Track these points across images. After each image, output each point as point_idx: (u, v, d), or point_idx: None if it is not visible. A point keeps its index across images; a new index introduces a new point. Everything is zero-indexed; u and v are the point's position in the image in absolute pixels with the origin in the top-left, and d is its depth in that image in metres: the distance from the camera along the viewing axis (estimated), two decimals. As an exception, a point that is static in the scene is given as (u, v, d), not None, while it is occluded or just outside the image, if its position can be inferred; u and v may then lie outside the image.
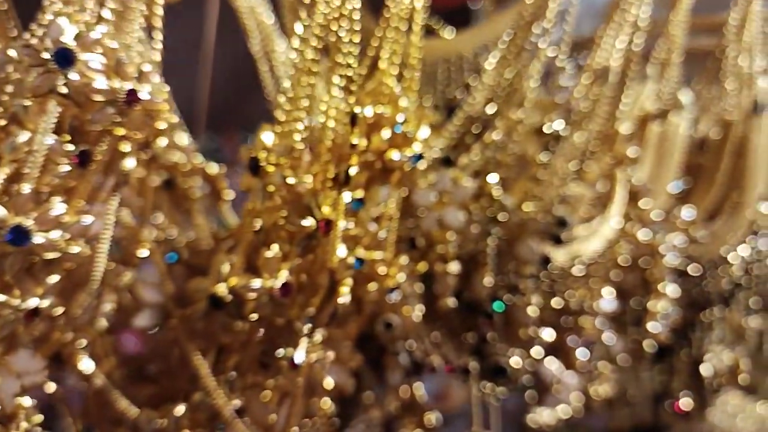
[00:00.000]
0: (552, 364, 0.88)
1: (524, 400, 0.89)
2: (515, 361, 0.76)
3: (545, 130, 0.72)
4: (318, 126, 0.53)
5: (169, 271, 0.64)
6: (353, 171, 0.53)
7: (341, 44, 0.52)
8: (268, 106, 0.74)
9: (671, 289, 0.85)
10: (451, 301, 0.71)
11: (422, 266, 0.74)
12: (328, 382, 0.63)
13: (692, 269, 0.98)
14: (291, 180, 0.50)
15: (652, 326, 0.84)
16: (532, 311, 0.74)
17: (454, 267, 0.71)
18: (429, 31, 0.90)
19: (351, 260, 0.56)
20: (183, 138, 0.79)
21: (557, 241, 0.74)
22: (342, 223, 0.54)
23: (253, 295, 0.51)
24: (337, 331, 0.70)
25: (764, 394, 2.03)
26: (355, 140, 0.53)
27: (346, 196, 0.54)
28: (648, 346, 0.99)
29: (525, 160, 0.73)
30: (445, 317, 0.81)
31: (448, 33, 0.85)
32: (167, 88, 0.52)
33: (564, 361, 0.89)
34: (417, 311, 0.74)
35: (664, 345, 1.02)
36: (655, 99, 0.94)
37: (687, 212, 0.94)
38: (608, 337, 0.90)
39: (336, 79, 0.53)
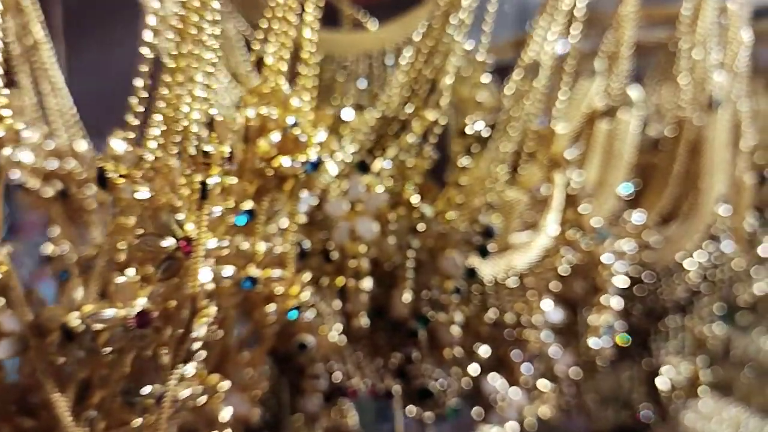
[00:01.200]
0: (495, 381, 0.83)
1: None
2: (441, 383, 0.70)
3: (467, 131, 0.66)
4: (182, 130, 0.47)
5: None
6: (212, 182, 0.46)
7: (200, 35, 0.45)
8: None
9: (615, 302, 0.79)
10: (363, 321, 0.65)
11: (340, 281, 0.68)
12: (225, 415, 0.57)
13: (646, 276, 0.92)
14: (141, 194, 0.43)
15: (593, 342, 0.78)
16: (456, 330, 0.67)
17: (366, 283, 0.65)
18: (356, 25, 0.83)
19: (226, 282, 0.50)
20: (81, 144, 0.72)
21: (483, 252, 0.67)
22: (212, 242, 0.48)
23: (103, 326, 0.45)
24: (237, 357, 0.64)
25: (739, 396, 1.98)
26: (209, 148, 0.46)
27: (215, 210, 0.47)
28: (599, 359, 0.93)
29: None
30: (368, 336, 0.74)
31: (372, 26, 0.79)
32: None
33: (507, 377, 0.83)
34: (334, 331, 0.68)
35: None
36: (603, 95, 0.88)
37: (637, 216, 0.88)
38: (554, 350, 0.84)
39: (199, 77, 0.46)
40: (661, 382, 0.93)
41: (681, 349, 0.97)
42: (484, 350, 0.79)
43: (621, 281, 0.90)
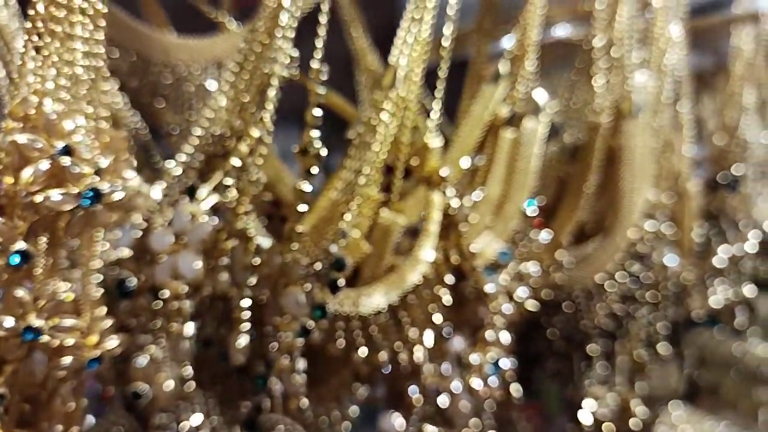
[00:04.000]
0: (395, 419, 0.75)
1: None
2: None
3: (309, 150, 0.57)
4: None
5: None
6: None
7: None
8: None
9: (504, 337, 0.70)
10: (186, 372, 0.57)
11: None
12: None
13: (566, 305, 0.83)
14: None
15: (476, 383, 0.69)
16: (298, 379, 0.59)
17: (189, 329, 0.56)
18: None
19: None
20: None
21: (333, 287, 0.59)
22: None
23: None
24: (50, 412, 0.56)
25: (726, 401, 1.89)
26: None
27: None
28: (515, 391, 0.84)
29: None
30: (222, 383, 0.67)
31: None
32: None
33: (406, 414, 0.75)
34: (173, 378, 0.60)
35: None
36: (507, 101, 0.79)
37: (545, 235, 0.79)
38: (456, 386, 0.76)
39: None
40: (584, 417, 0.84)
41: (608, 378, 0.88)
42: (361, 391, 0.71)
43: (532, 305, 0.82)
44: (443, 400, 0.74)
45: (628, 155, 0.82)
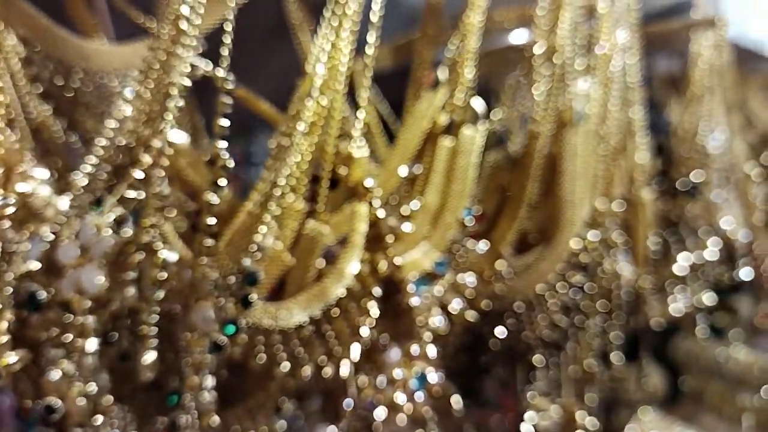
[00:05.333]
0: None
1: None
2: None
3: (216, 161, 0.55)
4: None
5: None
6: None
7: None
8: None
9: (431, 350, 0.69)
10: (90, 388, 0.55)
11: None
12: None
13: (507, 315, 0.81)
14: None
15: (400, 398, 0.67)
16: (207, 396, 0.57)
17: (91, 345, 0.55)
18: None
19: None
20: None
21: (245, 302, 0.57)
22: None
23: None
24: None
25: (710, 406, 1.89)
26: None
27: None
28: (455, 403, 0.83)
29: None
30: (141, 397, 0.65)
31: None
32: None
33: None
34: (84, 392, 0.58)
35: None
36: (446, 108, 0.78)
37: (482, 245, 0.77)
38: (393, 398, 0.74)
39: None
40: (526, 430, 0.83)
41: (553, 389, 0.86)
42: (288, 405, 0.70)
43: (471, 316, 0.80)
44: (380, 414, 0.73)
45: (569, 164, 0.80)
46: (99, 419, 0.61)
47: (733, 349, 1.75)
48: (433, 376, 0.68)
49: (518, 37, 1.01)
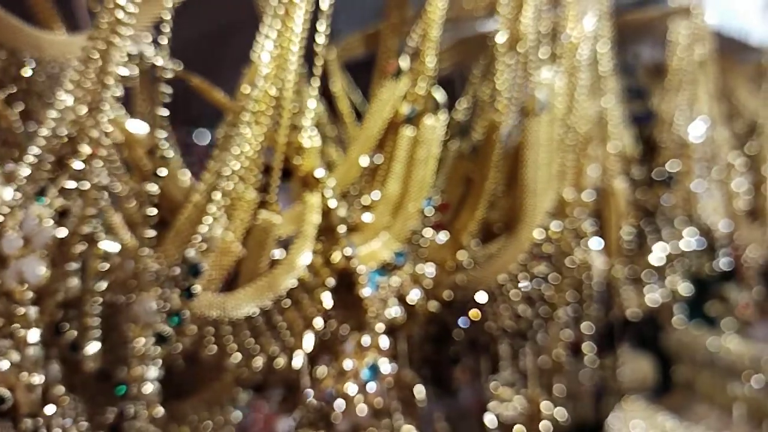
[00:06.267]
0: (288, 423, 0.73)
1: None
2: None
3: (155, 151, 0.55)
4: None
5: None
6: None
7: None
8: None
9: (383, 341, 0.68)
10: (35, 379, 0.55)
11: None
12: None
13: (470, 306, 0.81)
14: None
15: (351, 389, 0.67)
16: (149, 387, 0.57)
17: (33, 336, 0.55)
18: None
19: None
20: None
21: (188, 293, 0.57)
22: None
23: None
24: None
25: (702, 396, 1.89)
26: None
27: None
28: (418, 393, 0.83)
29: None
30: (92, 388, 0.65)
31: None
32: None
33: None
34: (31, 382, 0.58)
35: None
36: (408, 98, 0.78)
37: (441, 236, 0.77)
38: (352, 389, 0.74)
39: None
40: (489, 420, 0.83)
41: (517, 380, 0.86)
42: (243, 396, 0.70)
43: (435, 306, 0.80)
44: (339, 404, 0.73)
45: (531, 153, 0.80)
46: (50, 409, 0.61)
47: (724, 338, 1.75)
48: (386, 367, 0.68)
49: (491, 24, 1.00)
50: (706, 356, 1.75)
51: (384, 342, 0.68)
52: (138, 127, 0.61)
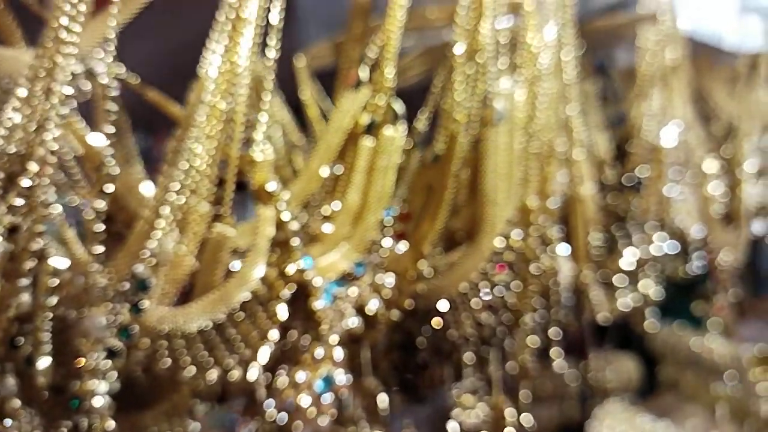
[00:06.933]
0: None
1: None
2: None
3: (101, 168, 0.56)
4: None
5: None
6: None
7: None
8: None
9: (337, 353, 0.69)
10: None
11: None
12: None
13: (431, 314, 0.82)
14: None
15: (303, 401, 0.68)
16: (99, 400, 0.58)
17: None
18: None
19: None
20: None
21: (136, 308, 0.58)
22: None
23: None
24: None
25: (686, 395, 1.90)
26: None
27: None
28: (381, 402, 0.84)
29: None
30: (47, 401, 0.65)
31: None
32: None
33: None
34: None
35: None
36: (367, 109, 0.78)
37: (401, 245, 0.78)
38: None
39: None
40: (452, 428, 0.83)
41: (481, 387, 0.87)
42: (200, 407, 0.70)
43: (396, 315, 0.81)
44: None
45: (491, 163, 0.81)
46: (7, 422, 0.61)
47: (707, 338, 1.76)
48: (342, 378, 0.69)
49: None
50: (690, 356, 1.77)
51: (338, 353, 0.68)
52: (98, 140, 0.62)
